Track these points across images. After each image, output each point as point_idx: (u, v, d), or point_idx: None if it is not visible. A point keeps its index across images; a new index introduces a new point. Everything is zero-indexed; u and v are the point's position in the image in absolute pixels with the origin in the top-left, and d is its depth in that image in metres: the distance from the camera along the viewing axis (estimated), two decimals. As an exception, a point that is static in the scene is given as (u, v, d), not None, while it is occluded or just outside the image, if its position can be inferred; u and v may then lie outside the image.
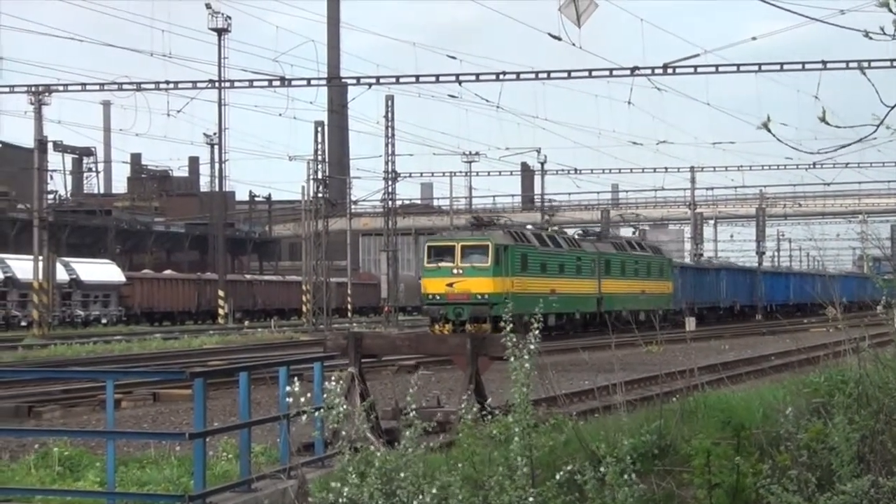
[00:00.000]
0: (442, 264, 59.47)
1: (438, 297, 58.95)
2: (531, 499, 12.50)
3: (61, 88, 68.14)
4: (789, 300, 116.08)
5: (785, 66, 58.87)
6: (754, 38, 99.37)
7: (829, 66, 56.39)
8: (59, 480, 15.86)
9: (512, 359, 13.48)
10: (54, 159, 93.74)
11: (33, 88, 67.36)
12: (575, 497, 12.81)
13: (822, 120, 12.22)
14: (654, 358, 34.55)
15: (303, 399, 14.15)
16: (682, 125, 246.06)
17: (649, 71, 58.92)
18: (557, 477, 12.77)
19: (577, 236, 78.41)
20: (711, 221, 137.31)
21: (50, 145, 73.84)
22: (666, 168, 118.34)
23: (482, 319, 56.87)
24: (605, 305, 72.16)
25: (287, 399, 15.34)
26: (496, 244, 59.37)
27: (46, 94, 67.85)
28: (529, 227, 74.19)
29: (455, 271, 58.68)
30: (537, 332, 13.71)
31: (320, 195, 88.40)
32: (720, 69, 59.09)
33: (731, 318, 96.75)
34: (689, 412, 16.78)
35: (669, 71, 58.02)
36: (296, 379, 14.35)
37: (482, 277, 58.27)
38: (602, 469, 12.96)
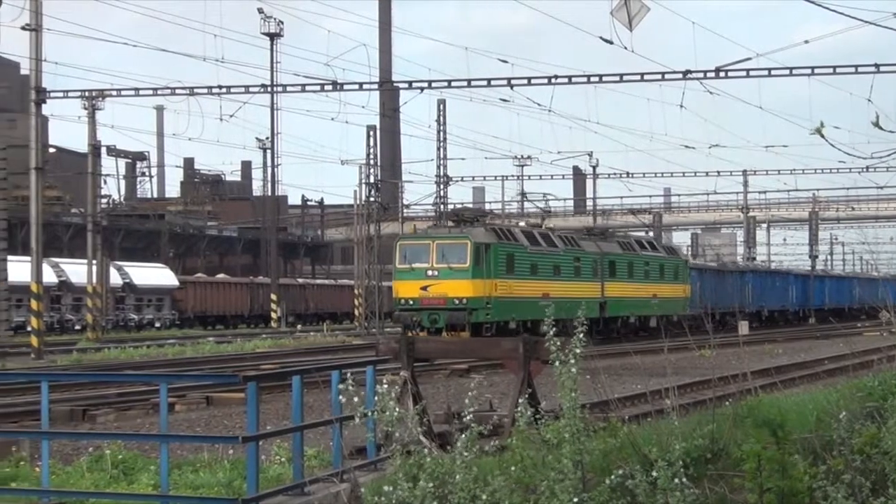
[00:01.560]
0: (415, 265, 52.59)
1: (412, 302, 52.29)
2: (577, 500, 12.49)
3: (115, 93, 68.19)
4: (824, 304, 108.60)
5: (838, 69, 58.41)
6: (807, 42, 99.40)
7: (882, 69, 55.88)
8: (112, 483, 15.93)
9: (557, 363, 13.47)
10: (108, 164, 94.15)
11: (87, 93, 67.56)
12: (627, 501, 12.80)
13: (876, 124, 12.16)
14: (707, 362, 34.44)
15: (357, 400, 14.19)
16: (735, 128, 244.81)
17: (701, 74, 58.56)
18: (608, 481, 12.76)
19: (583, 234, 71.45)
20: (764, 225, 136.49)
21: (104, 150, 74.13)
22: (718, 172, 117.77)
23: (460, 327, 50.90)
24: (609, 311, 65.78)
25: (340, 402, 15.40)
26: (476, 242, 52.44)
27: (100, 98, 68.05)
28: (522, 224, 68.45)
29: (430, 273, 52.13)
30: (581, 335, 13.70)
31: (372, 199, 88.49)
32: (772, 72, 58.65)
33: (759, 325, 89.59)
34: (742, 416, 16.72)
35: (722, 74, 57.75)
36: (348, 382, 14.37)
37: (460, 280, 51.71)
38: (654, 473, 12.94)
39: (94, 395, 30.28)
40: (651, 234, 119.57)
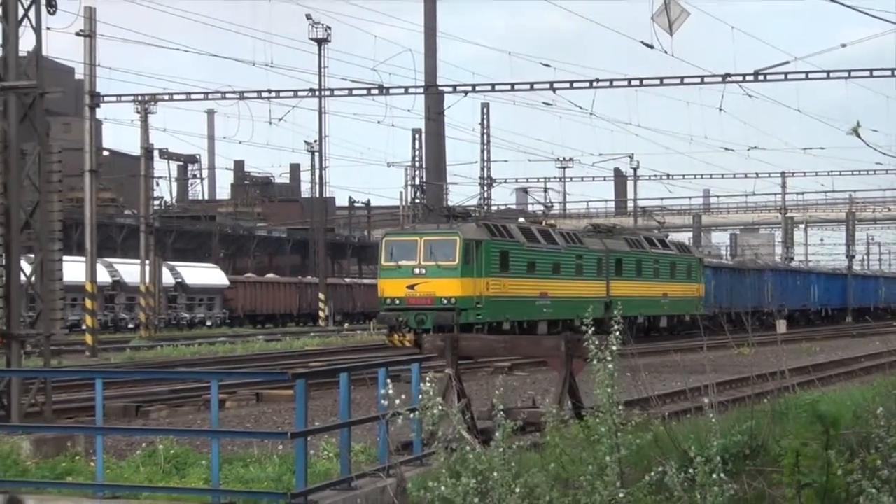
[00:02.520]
0: (402, 263, 47.83)
1: (398, 302, 47.69)
2: (621, 495, 12.50)
3: (167, 97, 68.56)
4: (847, 304, 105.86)
5: (874, 73, 58.21)
6: (844, 45, 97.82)
7: (917, 72, 55.77)
8: (165, 478, 15.99)
9: (595, 361, 13.48)
10: (160, 166, 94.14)
11: (140, 98, 67.89)
12: (664, 497, 12.79)
13: (910, 125, 12.10)
14: (745, 360, 34.36)
15: (402, 398, 14.21)
16: (773, 131, 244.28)
17: (740, 78, 58.49)
18: (648, 478, 12.75)
19: (587, 231, 66.28)
20: (802, 226, 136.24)
21: (156, 153, 74.39)
22: (757, 173, 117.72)
23: (447, 328, 44.65)
24: (614, 310, 60.90)
25: (385, 400, 15.44)
26: (465, 239, 47.57)
27: (152, 102, 68.38)
28: (521, 220, 62.95)
29: (417, 271, 47.40)
30: (618, 333, 13.71)
31: (417, 200, 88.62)
32: (810, 76, 58.57)
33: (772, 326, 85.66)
34: (780, 413, 16.68)
35: (760, 78, 57.66)
36: (389, 381, 14.42)
37: (448, 278, 47.12)
38: (692, 469, 12.93)
39: (147, 392, 30.42)
40: (660, 232, 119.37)
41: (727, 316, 68.70)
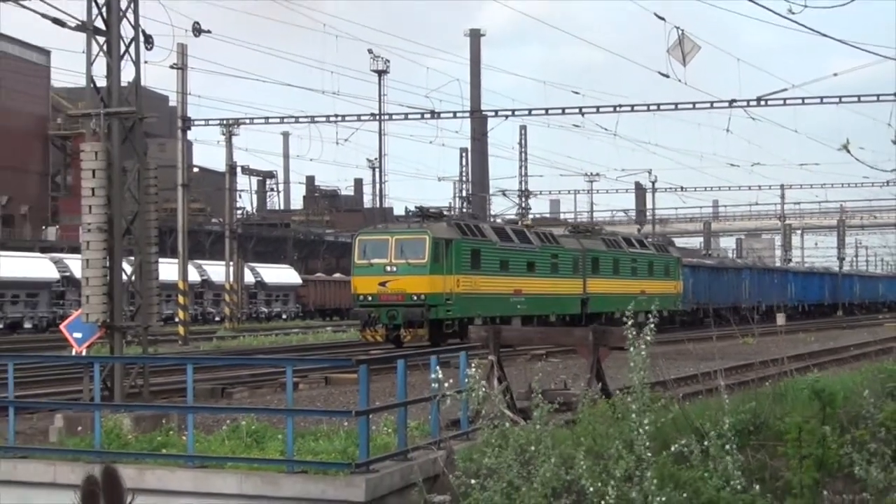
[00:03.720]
0: (374, 261, 44.35)
1: (370, 298, 43.95)
2: (646, 459, 12.47)
3: (248, 121, 68.82)
4: (824, 300, 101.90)
5: (862, 98, 58.09)
6: (835, 75, 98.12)
7: (900, 96, 55.46)
8: (246, 450, 16.02)
9: (632, 349, 13.46)
10: (242, 181, 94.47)
11: (225, 121, 68.13)
12: (684, 465, 12.76)
13: (895, 143, 12.10)
14: (749, 348, 34.18)
15: (451, 381, 14.20)
16: (773, 149, 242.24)
17: (745, 103, 58.32)
18: (674, 448, 12.72)
19: (567, 232, 62.43)
20: (799, 232, 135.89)
21: (238, 169, 74.56)
22: (759, 186, 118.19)
23: (417, 324, 42.97)
24: (591, 307, 56.45)
25: (436, 383, 15.44)
26: (435, 238, 44.09)
27: (236, 126, 68.54)
28: (499, 220, 58.12)
29: (388, 269, 43.98)
30: (653, 326, 13.68)
31: (465, 210, 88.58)
32: (806, 101, 58.34)
33: (760, 319, 74.60)
34: (780, 395, 16.61)
35: (762, 103, 57.45)
36: (439, 367, 14.42)
37: (418, 275, 43.62)
38: (707, 443, 12.89)
39: (231, 376, 30.48)
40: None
41: (705, 311, 67.78)
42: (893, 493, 13.11)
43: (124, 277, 20.31)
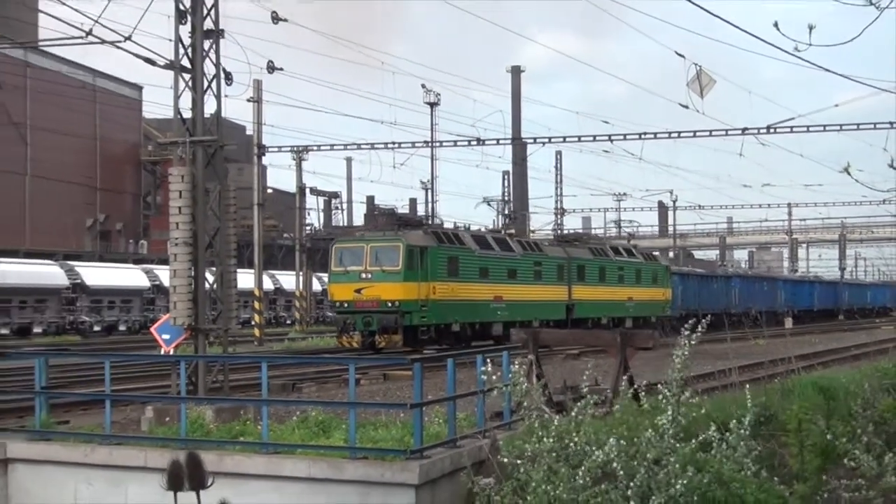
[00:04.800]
0: (350, 268, 41.24)
1: (346, 305, 41.07)
2: (677, 445, 12.45)
3: (316, 148, 69.20)
4: (813, 306, 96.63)
5: (861, 126, 57.85)
6: (837, 105, 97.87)
7: (895, 125, 55.13)
8: (314, 438, 16.04)
9: (677, 351, 13.45)
10: (310, 200, 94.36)
11: (295, 148, 68.50)
12: (707, 454, 12.73)
13: (891, 166, 11.99)
14: (760, 349, 33.94)
15: (495, 377, 14.18)
16: (781, 171, 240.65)
17: (756, 131, 58.15)
18: (702, 437, 12.68)
19: (553, 240, 59.67)
20: (804, 245, 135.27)
21: (307, 190, 74.59)
22: (769, 204, 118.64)
23: (392, 330, 39.89)
24: (577, 313, 52.25)
25: (483, 378, 15.42)
26: (409, 245, 40.90)
27: (305, 152, 68.84)
28: (482, 229, 53.91)
29: (363, 276, 40.80)
30: (700, 330, 13.63)
31: (506, 225, 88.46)
32: (811, 129, 58.17)
33: (742, 325, 72.98)
34: (787, 390, 16.54)
35: (771, 131, 57.20)
36: (489, 362, 14.40)
37: (392, 282, 40.43)
38: (727, 433, 12.86)
39: (300, 373, 30.54)
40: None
41: (694, 317, 65.21)
42: (888, 478, 13.04)
43: (207, 286, 20.40)
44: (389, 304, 40.10)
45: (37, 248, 79.78)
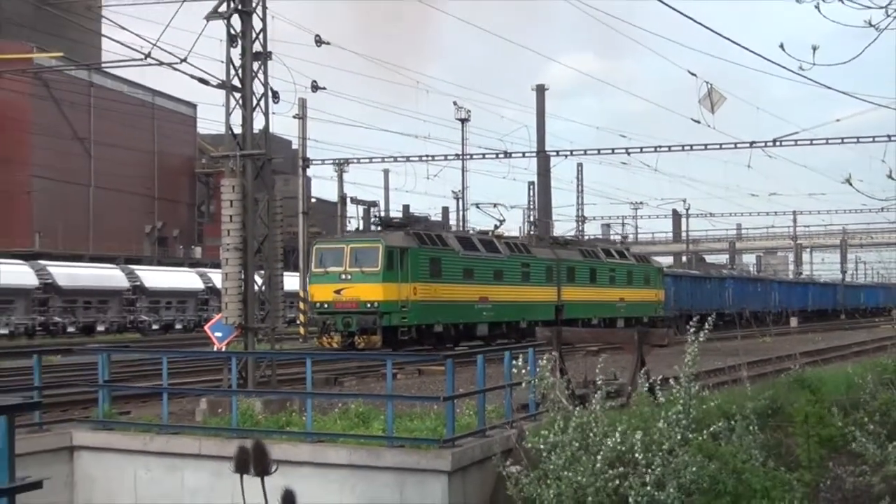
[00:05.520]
0: (330, 269, 38.52)
1: (326, 306, 38.37)
2: (690, 436, 12.42)
3: (356, 161, 69.53)
4: (808, 307, 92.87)
5: (861, 140, 57.77)
6: (838, 120, 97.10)
7: (892, 138, 54.89)
8: (355, 427, 16.05)
9: (687, 350, 13.44)
10: (351, 209, 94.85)
11: (337, 161, 68.69)
12: (716, 442, 12.69)
13: (889, 177, 11.90)
14: (767, 346, 33.83)
15: (522, 372, 14.17)
16: (787, 182, 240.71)
17: (763, 144, 58.02)
18: (713, 428, 12.64)
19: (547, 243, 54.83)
20: (808, 249, 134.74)
21: (348, 200, 74.73)
22: (775, 212, 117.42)
23: (371, 330, 37.32)
24: (566, 313, 48.86)
25: (510, 373, 15.41)
26: (388, 246, 38.18)
27: (346, 164, 69.04)
28: (471, 230, 49.68)
29: (343, 276, 38.06)
30: (706, 329, 13.59)
31: (532, 233, 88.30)
32: (814, 142, 58.08)
33: (741, 324, 63.76)
34: (793, 384, 16.47)
35: (777, 144, 57.16)
36: (519, 357, 14.39)
37: (371, 283, 37.66)
38: (733, 423, 12.82)
39: (342, 368, 30.59)
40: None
41: (688, 317, 61.52)
42: (891, 465, 12.98)
43: (256, 288, 20.46)
44: (369, 305, 37.68)
45: (100, 252, 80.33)
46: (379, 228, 42.63)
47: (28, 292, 60.40)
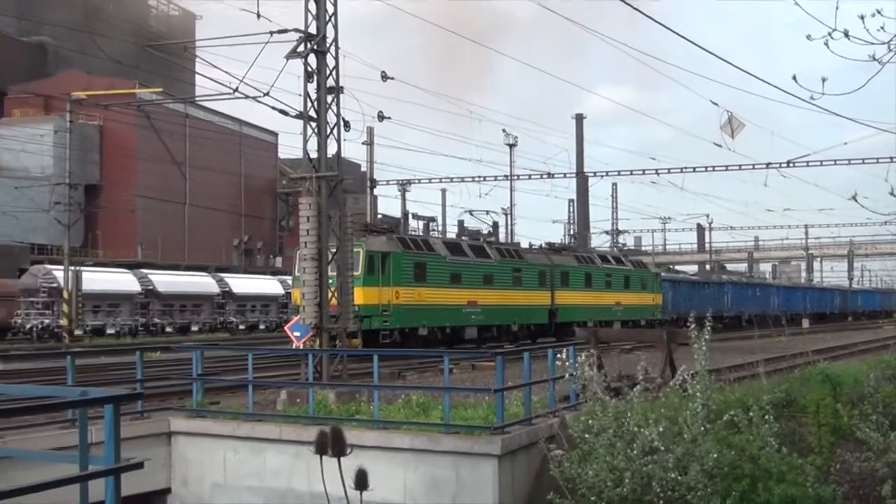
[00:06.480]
0: None
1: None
2: (707, 426, 12.33)
3: (417, 181, 69.85)
4: (805, 310, 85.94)
5: (866, 161, 57.08)
6: (845, 143, 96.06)
7: (894, 159, 54.24)
8: (416, 416, 16.07)
9: (695, 345, 13.35)
10: (412, 224, 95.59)
11: (400, 182, 68.99)
12: (734, 430, 12.60)
13: (891, 194, 11.77)
14: (782, 344, 33.49)
15: (567, 364, 14.13)
16: (799, 198, 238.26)
17: (778, 165, 57.61)
18: (727, 417, 12.57)
19: (543, 248, 51.38)
20: (819, 259, 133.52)
21: (410, 216, 74.91)
22: (789, 226, 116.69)
23: (351, 334, 32.09)
24: (560, 317, 45.38)
25: (554, 368, 15.37)
26: (369, 251, 34.70)
27: (408, 185, 69.31)
28: (464, 238, 46.27)
29: None
30: (710, 328, 13.48)
31: (571, 244, 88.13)
32: (824, 163, 57.56)
33: (739, 327, 64.80)
34: (805, 379, 16.32)
35: (791, 165, 56.64)
36: (564, 351, 14.34)
37: (354, 287, 30.87)
38: (751, 414, 12.72)
39: (405, 363, 30.61)
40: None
41: (685, 320, 57.22)
42: (893, 452, 12.84)
43: (329, 293, 20.54)
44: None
45: (194, 262, 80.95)
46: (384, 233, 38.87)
47: (132, 297, 61.09)
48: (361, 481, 6.14)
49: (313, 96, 20.60)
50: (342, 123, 20.96)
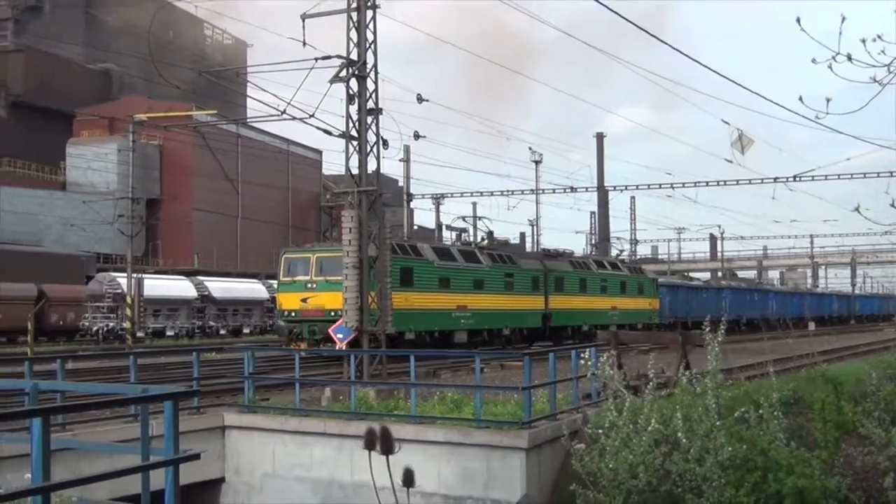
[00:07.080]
0: (297, 278, 32.68)
1: (293, 314, 32.39)
2: (718, 423, 12.25)
3: (450, 195, 69.96)
4: (804, 314, 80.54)
5: (867, 175, 56.75)
6: (848, 159, 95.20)
7: (894, 174, 53.91)
8: (450, 412, 16.07)
9: (708, 346, 13.28)
10: (446, 235, 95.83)
11: (434, 195, 69.17)
12: (745, 426, 12.52)
13: (892, 206, 11.70)
14: (790, 346, 33.21)
15: (590, 362, 14.08)
16: (805, 210, 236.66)
17: (785, 179, 57.23)
18: (737, 413, 12.49)
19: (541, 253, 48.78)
20: (823, 266, 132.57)
21: (444, 227, 75.01)
22: (796, 235, 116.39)
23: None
24: (554, 321, 42.99)
25: (577, 367, 15.31)
26: None
27: (442, 198, 69.41)
28: (456, 244, 44.36)
29: (309, 285, 32.19)
30: (722, 330, 13.40)
31: (592, 253, 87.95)
32: (828, 177, 57.26)
33: (737, 331, 57.82)
34: (812, 377, 16.20)
35: (797, 179, 56.30)
36: (587, 352, 14.30)
37: (336, 292, 25.96)
38: (761, 410, 12.64)
39: (439, 363, 30.56)
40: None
41: (682, 324, 52.91)
42: (892, 447, 12.72)
43: (370, 298, 20.58)
44: (333, 314, 29.41)
45: (246, 270, 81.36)
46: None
47: (189, 302, 61.50)
48: (408, 479, 6.14)
49: (355, 117, 20.67)
50: (381, 142, 21.02)
